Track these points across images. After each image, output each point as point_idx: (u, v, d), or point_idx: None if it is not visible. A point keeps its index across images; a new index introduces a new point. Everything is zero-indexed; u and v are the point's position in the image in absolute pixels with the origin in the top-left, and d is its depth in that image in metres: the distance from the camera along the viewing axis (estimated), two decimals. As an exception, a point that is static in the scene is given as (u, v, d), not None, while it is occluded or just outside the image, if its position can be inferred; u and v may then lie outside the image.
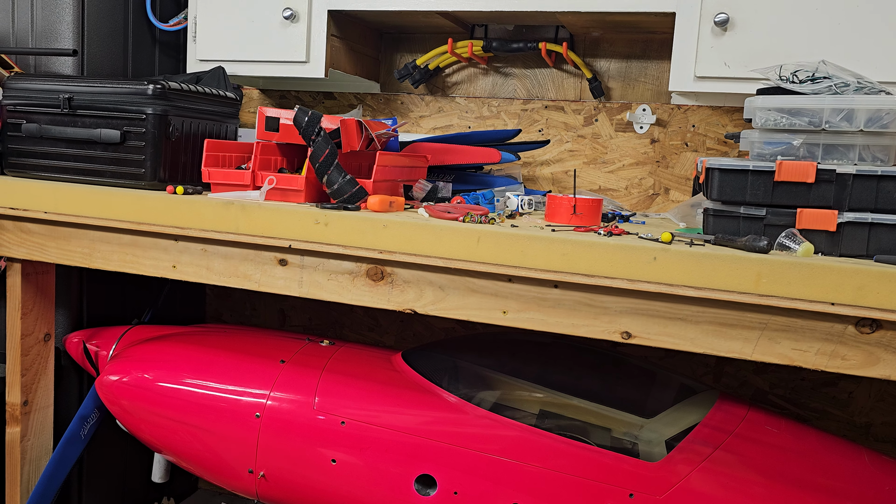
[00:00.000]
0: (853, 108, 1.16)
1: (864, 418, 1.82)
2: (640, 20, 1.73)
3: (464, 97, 2.07)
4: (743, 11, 1.52)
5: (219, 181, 1.47)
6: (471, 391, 1.48)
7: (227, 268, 1.42)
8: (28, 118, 1.56)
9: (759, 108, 1.21)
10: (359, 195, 1.38)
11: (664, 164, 1.91)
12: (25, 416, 1.72)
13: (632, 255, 1.14)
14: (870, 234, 1.15)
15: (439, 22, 1.90)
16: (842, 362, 1.10)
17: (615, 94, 1.96)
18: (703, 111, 1.87)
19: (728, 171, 1.19)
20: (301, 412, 1.49)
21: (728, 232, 1.21)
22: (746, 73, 1.51)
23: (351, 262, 1.33)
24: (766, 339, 1.12)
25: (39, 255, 1.57)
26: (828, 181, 1.15)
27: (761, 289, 1.08)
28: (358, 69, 2.01)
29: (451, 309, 1.28)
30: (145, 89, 1.48)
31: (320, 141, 1.38)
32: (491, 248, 1.21)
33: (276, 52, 1.84)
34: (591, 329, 1.21)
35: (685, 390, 1.50)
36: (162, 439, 1.59)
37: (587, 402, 1.46)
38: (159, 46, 2.02)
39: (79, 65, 1.79)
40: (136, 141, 1.49)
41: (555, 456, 1.36)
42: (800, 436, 1.40)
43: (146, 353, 1.64)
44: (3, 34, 1.82)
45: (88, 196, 1.46)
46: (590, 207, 1.36)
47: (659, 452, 1.36)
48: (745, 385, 1.90)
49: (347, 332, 2.24)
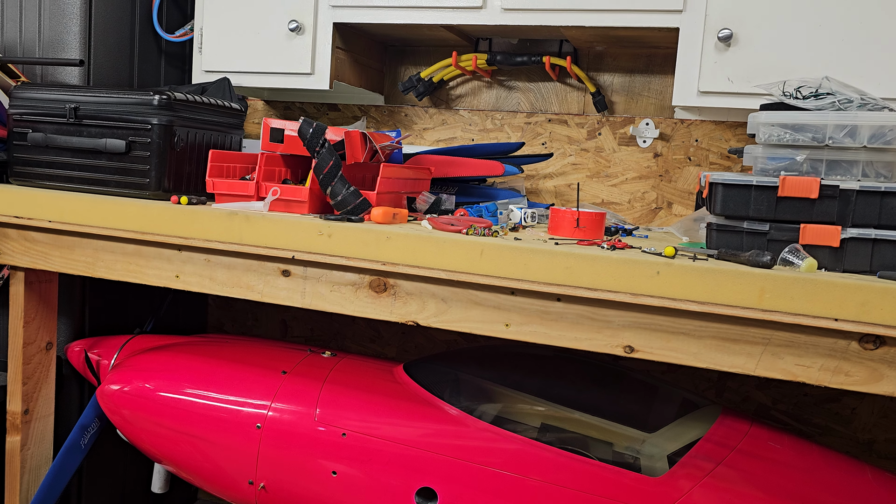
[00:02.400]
0: (857, 124, 1.16)
1: (868, 435, 1.81)
2: (643, 35, 1.74)
3: (467, 110, 2.08)
4: (746, 27, 1.52)
5: (223, 192, 1.48)
6: (472, 404, 1.47)
7: (230, 278, 1.42)
8: (34, 127, 1.57)
9: (763, 123, 1.21)
10: (362, 207, 1.38)
11: (667, 179, 1.91)
12: (26, 424, 1.71)
13: (635, 269, 1.14)
14: (873, 249, 1.15)
15: (444, 35, 1.91)
16: (845, 378, 1.10)
17: (618, 108, 1.96)
18: (707, 126, 1.88)
19: (731, 186, 1.20)
20: (302, 423, 1.49)
21: (731, 247, 1.21)
22: (750, 88, 1.52)
23: (354, 274, 1.33)
24: (769, 354, 1.12)
25: (43, 263, 1.57)
26: (831, 197, 1.15)
27: (764, 304, 1.08)
28: (362, 81, 2.02)
29: (454, 321, 1.28)
30: (151, 100, 1.48)
31: (324, 152, 1.38)
32: (494, 260, 1.21)
33: (281, 63, 1.85)
34: (594, 343, 1.21)
35: (687, 405, 1.50)
36: (162, 449, 1.59)
37: (589, 415, 1.45)
38: (165, 57, 2.04)
39: (85, 75, 1.80)
40: (141, 151, 1.50)
41: (556, 470, 1.36)
42: (802, 452, 1.40)
43: (148, 362, 1.64)
44: (11, 44, 1.83)
45: (93, 205, 1.47)
46: (593, 221, 1.36)
47: (661, 467, 1.35)
48: (747, 400, 1.89)
49: (349, 343, 2.24)
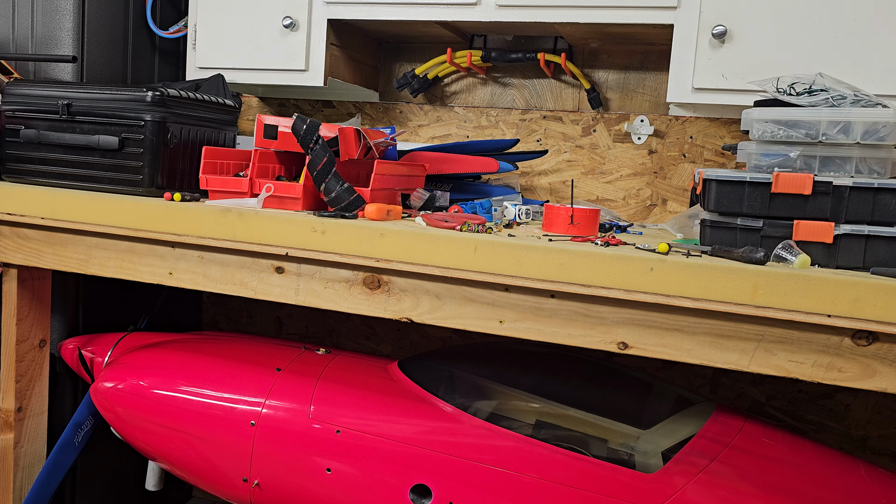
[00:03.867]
0: (850, 120, 1.16)
1: (861, 431, 1.82)
2: (638, 32, 1.74)
3: (462, 107, 2.07)
4: (741, 24, 1.52)
5: (216, 188, 1.47)
6: (467, 401, 1.47)
7: (223, 275, 1.41)
8: (27, 124, 1.57)
9: (757, 119, 1.21)
10: (356, 203, 1.38)
11: (661, 175, 1.91)
12: (19, 422, 1.71)
13: (629, 265, 1.14)
14: (866, 246, 1.15)
15: (438, 32, 1.91)
16: (838, 374, 1.10)
17: (613, 104, 1.96)
18: (701, 122, 1.88)
19: (725, 183, 1.20)
20: (296, 421, 1.48)
21: (725, 243, 1.21)
22: (744, 84, 1.52)
23: (348, 271, 1.33)
24: (762, 350, 1.12)
25: (36, 261, 1.56)
26: (824, 193, 1.16)
27: (758, 300, 1.08)
28: (357, 78, 2.02)
29: (448, 318, 1.28)
30: (144, 96, 1.48)
31: (318, 149, 1.38)
32: (488, 257, 1.21)
33: (275, 60, 1.85)
34: (588, 339, 1.21)
35: (682, 401, 1.50)
36: (156, 447, 1.58)
37: (584, 412, 1.45)
38: (159, 54, 2.03)
39: (78, 71, 1.80)
40: (134, 148, 1.49)
41: (551, 466, 1.36)
42: (796, 448, 1.40)
43: (142, 360, 1.63)
44: (3, 40, 1.82)
45: (86, 202, 1.46)
46: (587, 217, 1.36)
47: (655, 464, 1.35)
48: (741, 397, 1.90)
49: (344, 340, 2.24)
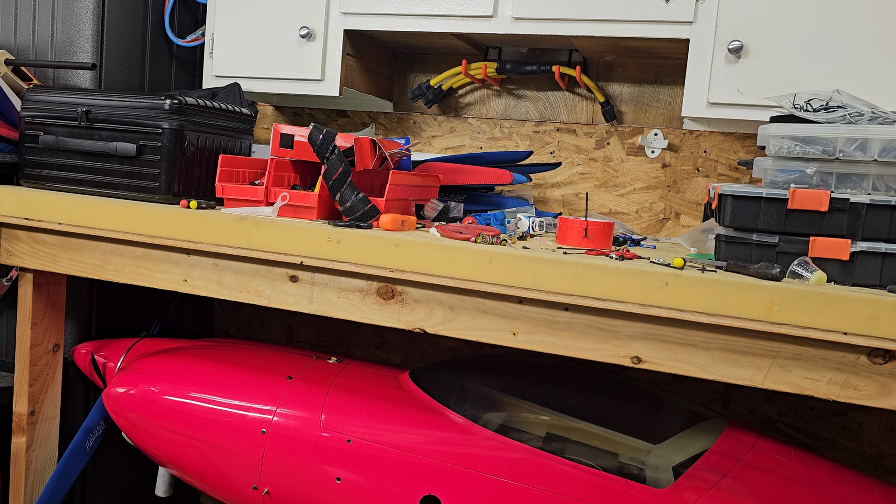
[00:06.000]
0: (867, 137, 1.16)
1: (874, 449, 1.80)
2: (653, 46, 1.74)
3: (476, 118, 2.08)
4: (757, 39, 1.52)
5: (232, 196, 1.48)
6: (477, 412, 1.47)
7: (238, 283, 1.42)
8: (46, 130, 1.58)
9: (773, 135, 1.21)
10: (371, 213, 1.38)
11: (675, 189, 1.91)
12: (32, 426, 1.72)
13: (643, 279, 1.13)
14: (883, 263, 1.14)
15: (454, 43, 1.92)
16: (854, 392, 1.09)
17: (627, 118, 1.97)
18: (715, 137, 1.88)
19: (741, 198, 1.19)
20: (307, 429, 1.48)
21: (740, 259, 1.21)
22: (760, 100, 1.52)
23: (362, 280, 1.33)
24: (777, 367, 1.12)
25: (52, 265, 1.58)
26: (841, 210, 1.15)
27: (773, 316, 1.08)
28: (372, 88, 2.03)
29: (461, 329, 1.28)
30: (162, 104, 1.49)
31: (334, 159, 1.39)
32: (502, 269, 1.21)
33: (291, 69, 1.86)
34: (602, 353, 1.20)
35: (693, 416, 1.49)
36: (167, 453, 1.59)
37: (594, 425, 1.45)
38: (176, 62, 2.05)
39: (97, 78, 1.81)
40: (151, 155, 1.50)
41: (561, 480, 1.35)
42: (809, 465, 1.39)
43: (154, 366, 1.64)
44: (24, 47, 1.84)
45: (102, 208, 1.47)
46: (601, 231, 1.36)
47: (666, 479, 1.35)
48: (753, 412, 1.88)
49: (354, 349, 2.24)
